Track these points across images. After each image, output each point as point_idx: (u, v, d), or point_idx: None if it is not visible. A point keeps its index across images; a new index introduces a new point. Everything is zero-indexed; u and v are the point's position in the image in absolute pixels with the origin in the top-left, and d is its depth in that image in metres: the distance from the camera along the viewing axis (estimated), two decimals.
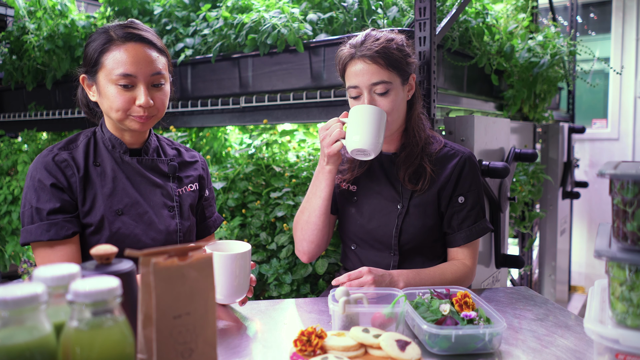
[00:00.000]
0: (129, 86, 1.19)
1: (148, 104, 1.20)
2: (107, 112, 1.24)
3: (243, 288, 1.08)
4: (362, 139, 1.23)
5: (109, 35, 1.20)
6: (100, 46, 1.19)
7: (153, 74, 1.21)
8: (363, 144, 1.23)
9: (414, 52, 1.40)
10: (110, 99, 1.20)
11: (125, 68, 1.18)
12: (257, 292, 1.92)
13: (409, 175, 1.36)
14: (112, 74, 1.18)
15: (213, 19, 2.17)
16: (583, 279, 4.33)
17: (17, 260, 2.67)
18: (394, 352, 0.87)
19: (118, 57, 1.18)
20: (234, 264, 1.05)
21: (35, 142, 2.79)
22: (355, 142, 1.24)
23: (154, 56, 1.22)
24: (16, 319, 0.57)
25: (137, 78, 1.19)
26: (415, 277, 1.28)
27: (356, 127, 1.24)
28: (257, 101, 2.02)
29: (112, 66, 1.18)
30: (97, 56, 1.20)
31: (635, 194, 0.75)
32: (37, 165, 1.22)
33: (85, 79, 1.26)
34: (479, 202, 1.38)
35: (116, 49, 1.19)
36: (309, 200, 1.41)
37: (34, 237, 1.17)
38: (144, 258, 0.64)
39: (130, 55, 1.18)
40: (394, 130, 1.37)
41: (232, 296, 1.07)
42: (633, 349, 0.74)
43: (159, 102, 1.23)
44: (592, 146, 4.31)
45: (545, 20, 3.23)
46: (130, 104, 1.20)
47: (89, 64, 1.22)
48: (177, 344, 0.65)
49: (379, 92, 1.30)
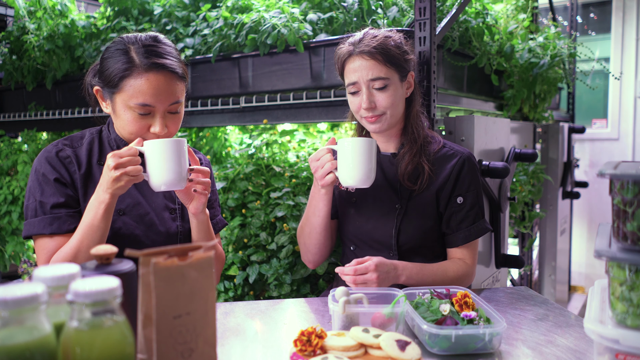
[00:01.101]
0: (146, 114, 1.18)
1: (163, 132, 1.20)
2: (118, 129, 1.24)
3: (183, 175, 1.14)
4: (355, 175, 1.20)
5: (130, 58, 1.17)
6: (122, 71, 1.16)
7: (171, 103, 1.20)
8: (356, 181, 1.21)
9: (412, 50, 1.40)
10: (125, 122, 1.19)
11: (145, 99, 1.16)
12: (257, 292, 1.92)
13: (407, 173, 1.36)
14: (130, 101, 1.17)
15: (213, 19, 2.17)
16: (583, 279, 4.33)
17: (17, 260, 2.67)
18: (394, 352, 0.87)
19: (138, 87, 1.15)
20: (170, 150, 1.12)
21: (35, 142, 2.79)
22: (348, 178, 1.21)
23: (173, 85, 1.20)
24: (16, 319, 0.57)
25: (155, 108, 1.18)
26: (419, 273, 1.28)
27: (347, 163, 1.21)
28: (257, 101, 2.02)
29: (132, 94, 1.16)
30: (118, 80, 1.17)
31: (635, 194, 0.75)
32: (42, 159, 1.24)
33: (99, 91, 1.24)
34: (477, 202, 1.38)
35: (138, 77, 1.16)
36: (309, 218, 1.41)
37: (36, 230, 1.19)
38: (144, 258, 0.64)
39: (151, 86, 1.16)
40: (392, 126, 1.37)
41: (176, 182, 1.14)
42: (633, 349, 0.74)
43: (173, 127, 1.23)
44: (592, 146, 4.31)
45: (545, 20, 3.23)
46: (144, 130, 1.20)
47: (107, 84, 1.19)
48: (177, 344, 0.65)
49: (377, 87, 1.31)
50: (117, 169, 1.08)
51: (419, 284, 1.28)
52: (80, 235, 1.14)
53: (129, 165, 1.09)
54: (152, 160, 1.12)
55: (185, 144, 1.15)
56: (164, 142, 1.12)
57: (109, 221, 1.14)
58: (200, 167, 1.19)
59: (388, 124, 1.34)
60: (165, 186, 1.13)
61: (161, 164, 1.12)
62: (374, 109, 1.32)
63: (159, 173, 1.13)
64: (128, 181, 1.10)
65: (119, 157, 1.09)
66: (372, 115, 1.33)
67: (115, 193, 1.11)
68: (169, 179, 1.13)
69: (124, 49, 1.19)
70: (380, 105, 1.32)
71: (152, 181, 1.14)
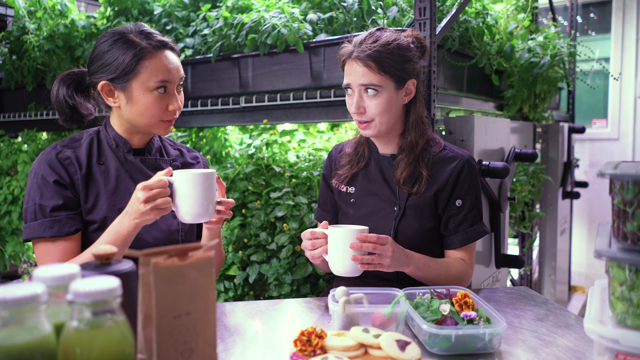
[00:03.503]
0: (164, 93, 1.22)
1: (180, 108, 1.26)
2: (134, 118, 1.24)
3: (209, 209, 1.13)
4: (340, 265, 1.19)
5: (136, 43, 1.20)
6: (134, 55, 1.19)
7: (181, 78, 1.27)
8: (343, 271, 1.19)
9: (422, 56, 1.38)
10: (145, 105, 1.21)
11: (164, 75, 1.21)
12: (257, 292, 1.92)
13: (404, 178, 1.36)
14: (150, 81, 1.20)
15: (213, 19, 2.17)
16: (583, 279, 4.33)
17: (17, 260, 2.67)
18: (394, 352, 0.87)
19: (154, 65, 1.20)
20: (200, 184, 1.10)
21: (35, 142, 2.79)
22: (335, 267, 1.20)
23: (179, 61, 1.28)
24: (16, 319, 0.57)
25: (171, 84, 1.23)
26: (425, 264, 1.28)
27: (334, 254, 1.19)
28: (257, 101, 2.02)
29: (150, 74, 1.20)
30: (135, 64, 1.19)
31: (635, 194, 0.75)
32: (41, 162, 1.23)
33: (107, 85, 1.23)
34: (476, 205, 1.38)
35: (152, 57, 1.21)
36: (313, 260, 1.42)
37: (36, 234, 1.19)
38: (144, 258, 0.64)
39: (165, 63, 1.22)
40: (385, 132, 1.36)
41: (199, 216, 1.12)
42: (633, 349, 0.74)
43: (181, 104, 1.29)
44: (592, 146, 4.31)
45: (545, 20, 3.23)
46: (163, 110, 1.23)
47: (121, 72, 1.20)
48: (177, 344, 0.65)
49: (369, 93, 1.31)
50: (148, 203, 1.07)
51: (424, 276, 1.28)
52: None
53: (159, 198, 1.08)
54: (182, 193, 1.10)
55: (214, 177, 1.14)
56: (194, 175, 1.10)
57: (127, 246, 1.14)
58: (227, 200, 1.19)
59: (378, 131, 1.34)
60: (192, 218, 1.11)
61: (190, 197, 1.10)
62: (362, 114, 1.32)
63: (187, 206, 1.10)
64: (157, 214, 1.09)
65: (149, 190, 1.07)
66: (361, 120, 1.34)
67: (142, 224, 1.11)
68: (197, 212, 1.11)
69: (123, 39, 1.21)
70: (370, 112, 1.31)
71: (179, 213, 1.12)
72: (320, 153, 2.13)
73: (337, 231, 1.18)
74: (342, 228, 1.19)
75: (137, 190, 1.08)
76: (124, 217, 1.11)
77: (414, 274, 1.27)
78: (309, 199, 1.93)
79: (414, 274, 1.27)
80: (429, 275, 1.29)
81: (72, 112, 1.30)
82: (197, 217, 1.11)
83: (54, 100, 1.30)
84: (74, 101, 1.29)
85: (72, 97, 1.28)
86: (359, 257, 1.16)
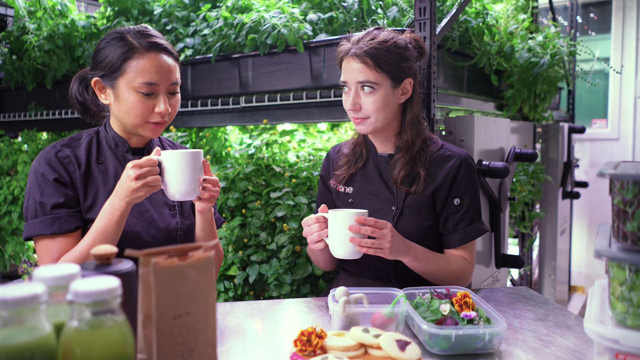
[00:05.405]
0: (150, 94, 1.22)
1: (167, 111, 1.24)
2: (121, 117, 1.25)
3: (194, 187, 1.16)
4: (340, 247, 1.21)
5: (128, 42, 1.22)
6: (123, 53, 1.20)
7: (172, 83, 1.25)
8: (343, 254, 1.21)
9: (419, 56, 1.38)
10: (130, 105, 1.22)
11: (150, 77, 1.20)
12: (257, 292, 1.92)
13: (401, 177, 1.36)
14: (134, 82, 1.20)
15: (213, 19, 2.17)
16: (583, 279, 4.33)
17: (17, 260, 2.67)
18: (394, 352, 0.87)
19: (141, 66, 1.20)
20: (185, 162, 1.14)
21: (35, 142, 2.79)
22: (335, 250, 1.22)
23: (172, 65, 1.25)
24: (16, 319, 0.57)
25: (158, 87, 1.22)
26: (424, 255, 1.28)
27: (333, 236, 1.22)
28: (257, 101, 2.02)
29: (136, 74, 1.20)
30: (120, 63, 1.21)
31: (635, 194, 0.75)
32: (40, 160, 1.25)
33: (98, 82, 1.26)
34: (474, 204, 1.38)
35: (140, 57, 1.21)
36: (313, 254, 1.46)
37: (37, 231, 1.20)
38: (144, 258, 0.64)
39: (153, 64, 1.21)
40: (380, 130, 1.36)
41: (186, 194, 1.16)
42: (633, 349, 0.74)
43: (174, 109, 1.28)
44: (592, 146, 4.31)
45: (545, 20, 3.23)
46: (149, 112, 1.23)
47: (108, 69, 1.22)
48: (177, 344, 0.65)
49: (365, 90, 1.31)
50: (139, 180, 1.10)
51: (423, 267, 1.28)
52: (91, 240, 1.15)
53: (149, 176, 1.11)
54: (170, 171, 1.14)
55: (201, 156, 1.18)
56: (182, 154, 1.14)
57: (121, 228, 1.16)
58: (212, 178, 1.20)
59: (373, 128, 1.34)
60: (180, 196, 1.16)
61: (178, 174, 1.14)
62: (358, 111, 1.33)
63: (175, 183, 1.15)
64: (147, 191, 1.12)
65: (139, 168, 1.11)
66: (357, 117, 1.34)
67: (133, 202, 1.13)
68: (184, 189, 1.15)
69: (119, 37, 1.23)
70: (365, 109, 1.32)
71: (168, 190, 1.16)
72: (320, 153, 2.13)
73: (337, 214, 1.21)
74: (341, 211, 1.21)
75: (127, 169, 1.11)
76: (114, 198, 1.14)
77: (413, 265, 1.27)
78: (309, 199, 1.93)
79: (413, 265, 1.27)
80: (428, 267, 1.28)
81: (82, 107, 1.35)
82: (185, 195, 1.16)
83: (69, 96, 1.36)
84: (83, 98, 1.34)
85: (82, 94, 1.33)
86: (357, 240, 1.17)
